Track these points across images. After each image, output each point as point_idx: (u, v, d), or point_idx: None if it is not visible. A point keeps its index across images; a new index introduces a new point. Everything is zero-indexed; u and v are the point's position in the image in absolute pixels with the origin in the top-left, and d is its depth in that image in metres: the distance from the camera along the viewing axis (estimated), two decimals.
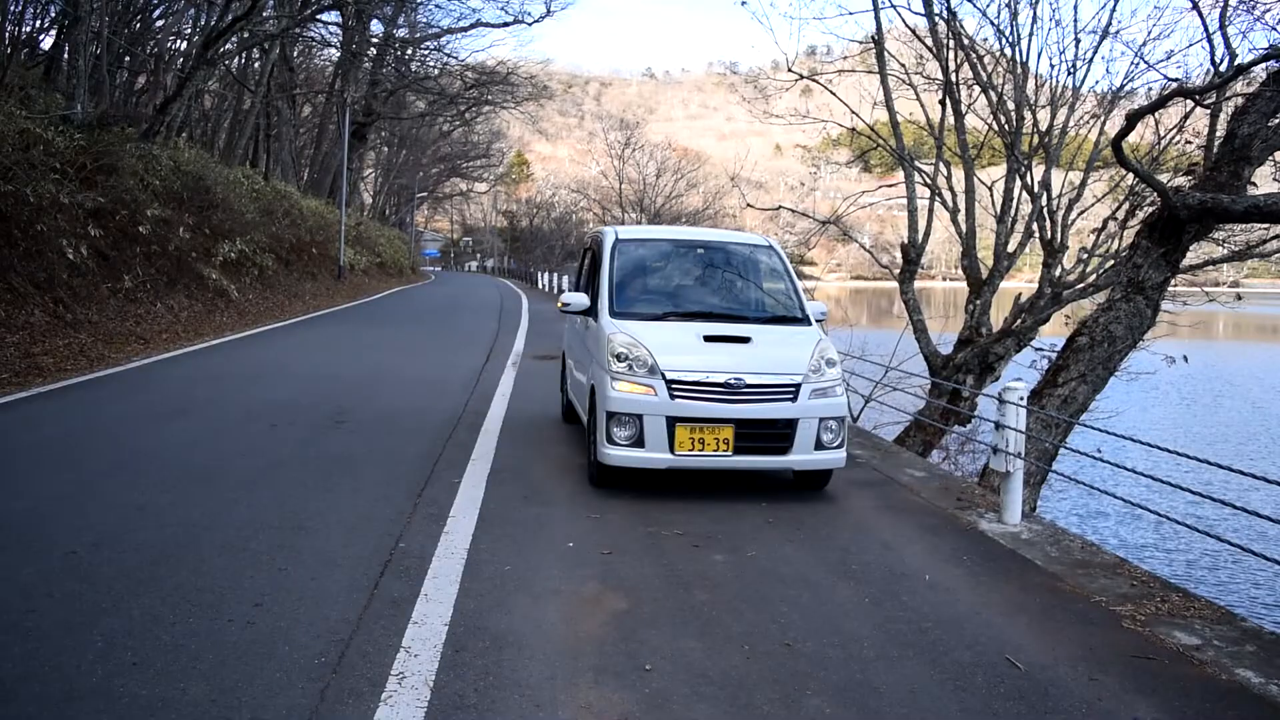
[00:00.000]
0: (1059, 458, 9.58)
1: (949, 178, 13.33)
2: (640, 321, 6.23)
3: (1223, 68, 8.71)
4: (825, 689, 3.37)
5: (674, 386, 5.72)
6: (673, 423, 5.68)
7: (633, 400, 5.74)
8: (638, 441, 5.73)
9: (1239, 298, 13.77)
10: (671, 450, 5.68)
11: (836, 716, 3.18)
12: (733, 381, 5.71)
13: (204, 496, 5.57)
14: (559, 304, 6.72)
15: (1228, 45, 8.62)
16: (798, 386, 5.81)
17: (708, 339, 6.02)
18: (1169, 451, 5.22)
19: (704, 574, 4.57)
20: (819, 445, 5.85)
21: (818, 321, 6.69)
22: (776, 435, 5.78)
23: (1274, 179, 11.93)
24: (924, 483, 6.81)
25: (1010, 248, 12.59)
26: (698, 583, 4.43)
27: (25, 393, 9.02)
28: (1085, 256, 12.62)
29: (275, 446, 7.08)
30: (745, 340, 6.05)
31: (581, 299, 6.83)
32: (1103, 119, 12.64)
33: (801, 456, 5.83)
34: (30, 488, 5.67)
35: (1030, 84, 12.46)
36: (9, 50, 17.27)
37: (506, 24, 30.50)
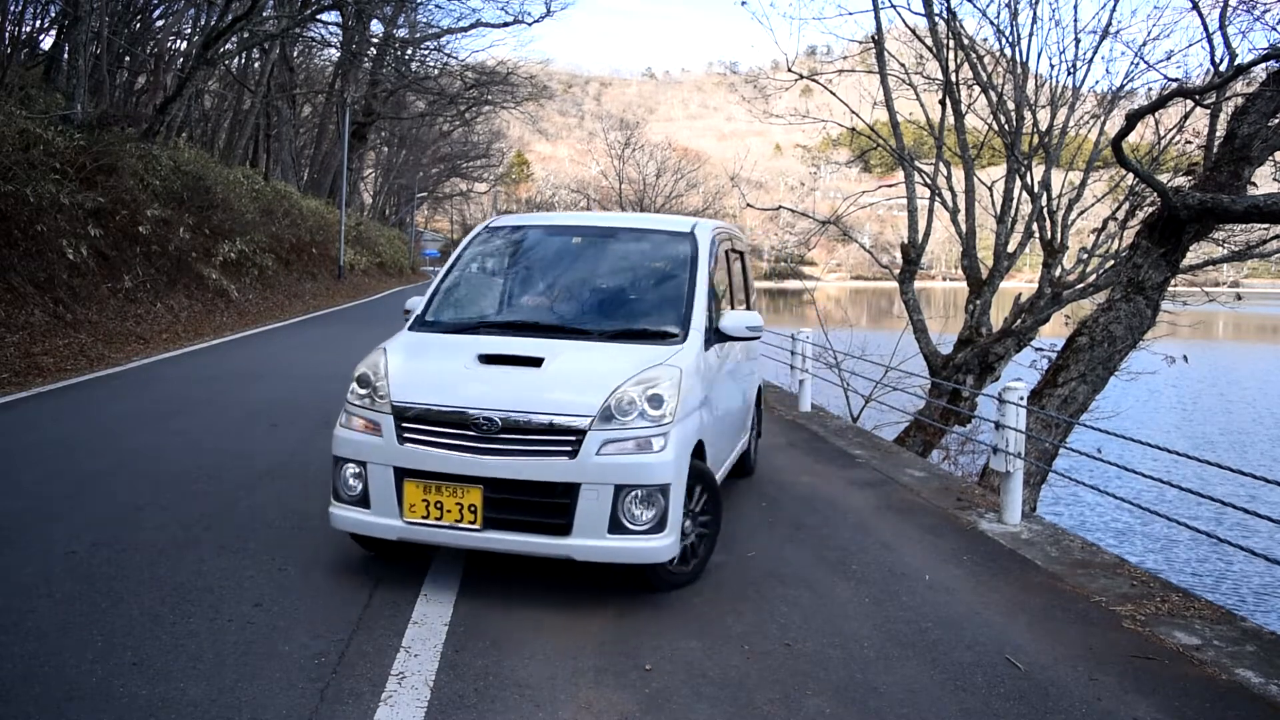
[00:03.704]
0: (1058, 457, 9.58)
1: (949, 178, 13.34)
2: (437, 334, 4.79)
3: (1223, 68, 8.73)
4: (825, 689, 3.37)
5: (405, 425, 4.07)
6: (401, 476, 4.03)
7: (357, 442, 4.17)
8: (363, 499, 4.13)
9: (1239, 298, 13.79)
10: (401, 515, 4.03)
11: (836, 716, 3.18)
12: (484, 421, 3.95)
13: (204, 496, 5.57)
14: (404, 309, 5.19)
15: (1228, 45, 8.63)
16: (580, 433, 3.91)
17: (485, 359, 4.29)
18: (1169, 451, 5.23)
19: (704, 574, 4.56)
20: (617, 526, 3.90)
21: (738, 339, 5.09)
22: (546, 506, 3.91)
23: (1274, 179, 11.95)
24: (924, 483, 6.81)
25: (1010, 248, 12.60)
26: (698, 583, 4.43)
27: (25, 393, 9.02)
28: (1085, 256, 12.63)
29: (276, 446, 7.08)
30: (536, 362, 4.23)
31: (420, 303, 5.19)
32: (1103, 119, 12.65)
33: (587, 542, 3.88)
34: (30, 488, 5.67)
35: (1030, 84, 12.47)
36: (9, 50, 17.28)
37: (506, 24, 30.49)
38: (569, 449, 3.91)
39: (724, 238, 5.87)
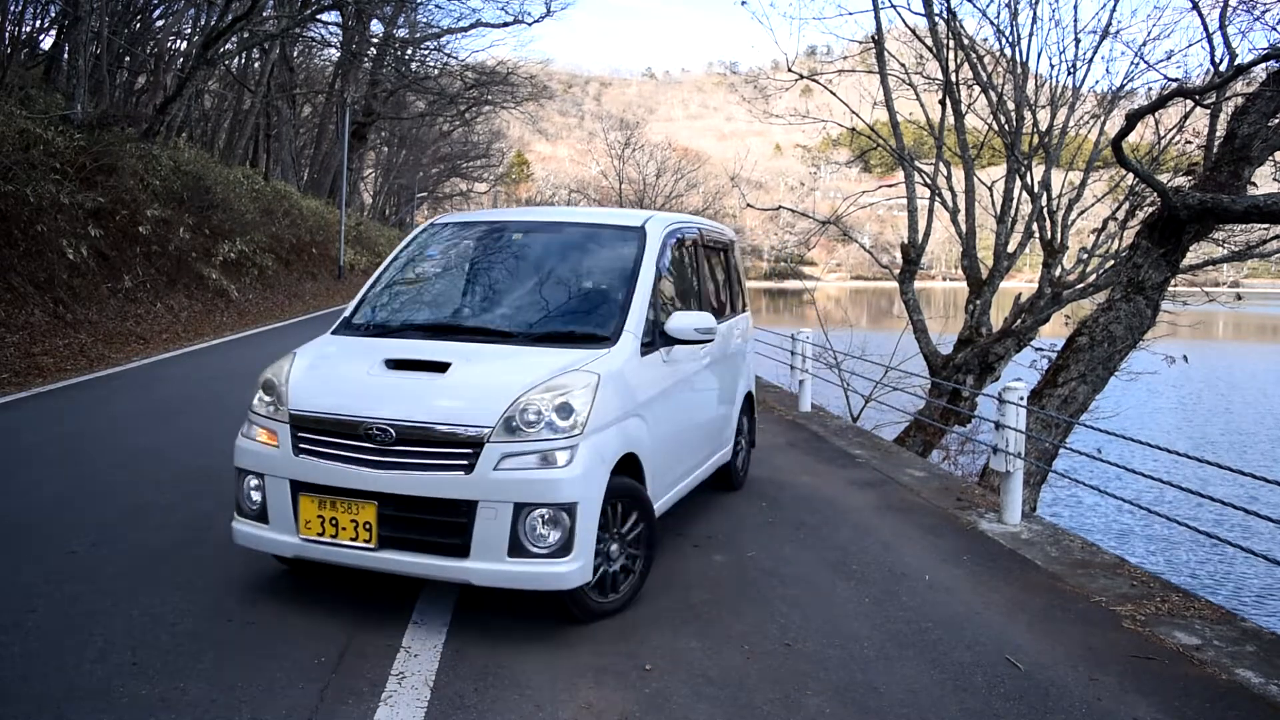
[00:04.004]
0: (1058, 457, 9.58)
1: (949, 178, 13.35)
2: (356, 337, 4.51)
3: (1223, 68, 8.73)
4: (825, 689, 3.37)
5: (301, 436, 3.83)
6: (297, 490, 3.79)
7: (257, 453, 3.94)
8: (261, 513, 3.91)
9: (1239, 298, 13.80)
10: (297, 531, 3.79)
11: (836, 716, 3.18)
12: (378, 432, 3.67)
13: (204, 495, 5.57)
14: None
15: (1228, 45, 8.63)
16: (478, 446, 3.59)
17: (392, 365, 4.00)
18: (1169, 451, 5.23)
19: (704, 574, 4.57)
20: (518, 549, 3.57)
21: (685, 343, 4.62)
22: (442, 526, 3.60)
23: (1274, 179, 11.96)
24: (924, 483, 6.81)
25: (1010, 248, 12.60)
26: (698, 583, 4.43)
27: (25, 393, 9.02)
28: (1085, 256, 12.64)
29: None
30: (442, 368, 3.92)
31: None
32: (1103, 119, 12.66)
33: (486, 565, 3.56)
34: (31, 487, 5.67)
35: (1030, 84, 12.48)
36: (9, 50, 17.27)
37: (506, 24, 30.46)
38: (465, 463, 3.59)
39: (687, 233, 5.45)
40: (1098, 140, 12.65)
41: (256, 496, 3.93)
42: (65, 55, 18.52)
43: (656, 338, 4.48)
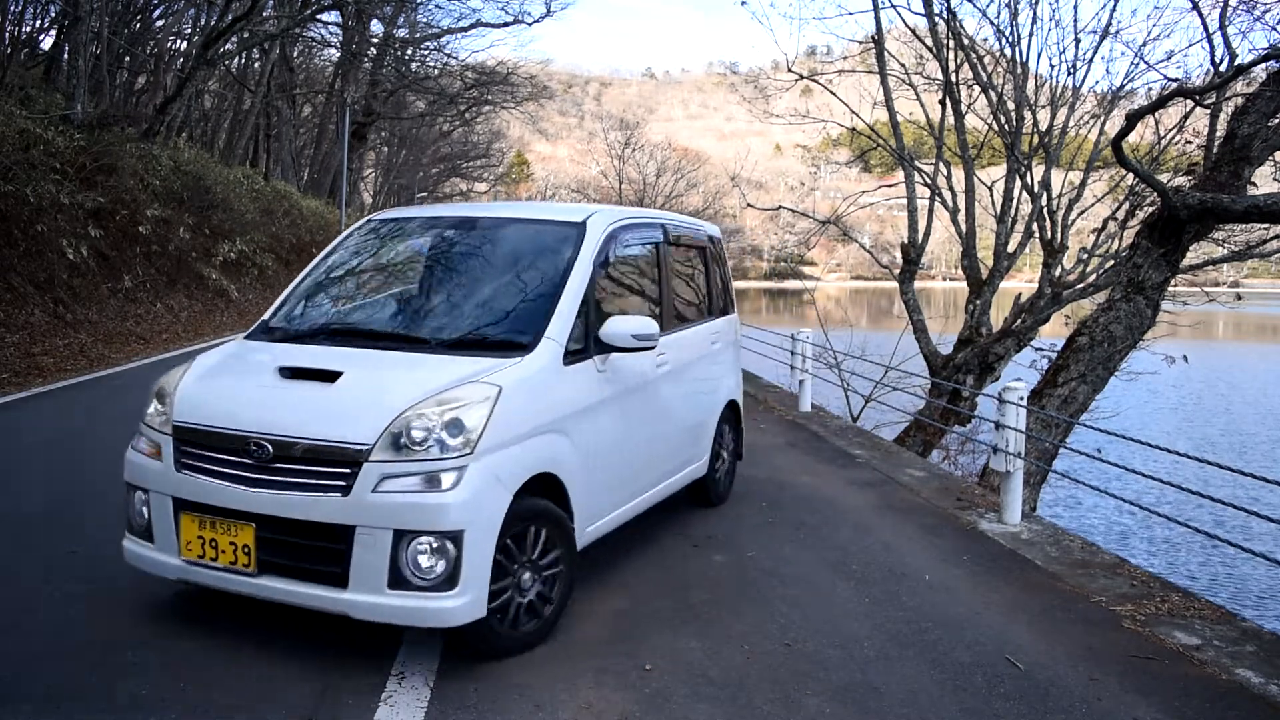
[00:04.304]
0: (1058, 457, 9.58)
1: (949, 178, 13.36)
2: (266, 342, 4.17)
3: (1223, 68, 8.73)
4: (825, 689, 3.37)
5: (183, 448, 3.55)
6: (179, 508, 3.50)
7: (143, 467, 3.67)
8: (147, 531, 3.63)
9: (1239, 298, 13.81)
10: (179, 552, 3.51)
11: (836, 716, 3.18)
12: (255, 448, 3.37)
13: None
14: None
15: (1228, 45, 8.64)
16: (355, 465, 3.27)
17: (286, 373, 3.67)
18: (1169, 451, 5.23)
19: (704, 574, 4.57)
20: (399, 580, 3.23)
21: (622, 350, 4.16)
22: (321, 552, 3.29)
23: (1274, 179, 11.96)
24: (924, 483, 6.81)
25: (1010, 248, 12.61)
26: (698, 583, 4.43)
27: (25, 393, 9.02)
28: (1085, 256, 12.65)
29: None
30: (332, 377, 3.57)
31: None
32: (1103, 119, 12.67)
33: (365, 598, 3.24)
34: (30, 488, 5.67)
35: (1030, 84, 12.49)
36: (9, 50, 17.27)
37: (506, 24, 30.42)
38: (342, 484, 3.25)
39: (644, 230, 4.98)
40: (1098, 140, 12.66)
41: (144, 513, 3.63)
42: (65, 55, 18.52)
43: (590, 345, 4.07)
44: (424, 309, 4.28)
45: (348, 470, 3.27)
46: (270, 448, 3.35)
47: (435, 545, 3.23)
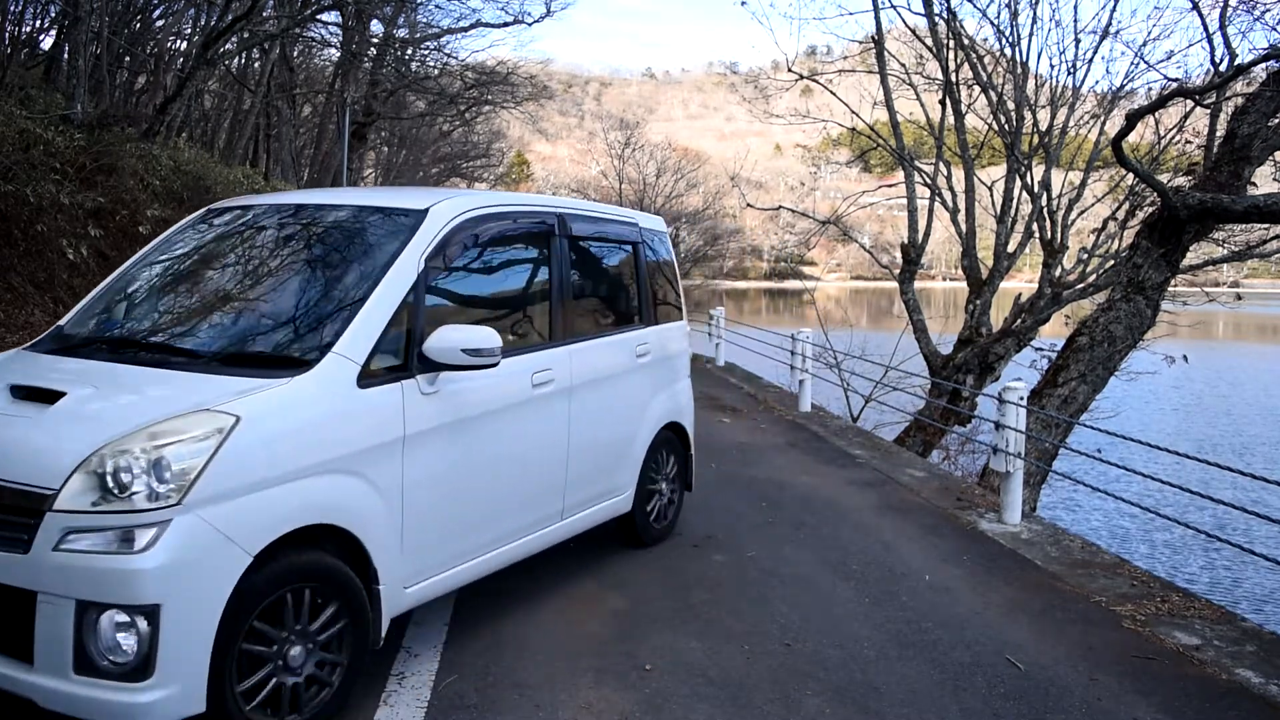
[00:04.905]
0: (1058, 458, 9.58)
1: (949, 178, 13.37)
2: (38, 353, 3.51)
3: (1223, 68, 8.74)
4: (825, 689, 3.37)
5: None
6: None
7: None
8: None
9: (1239, 298, 13.81)
10: None
11: (836, 716, 3.18)
12: None
13: None
14: None
15: (1228, 45, 8.65)
16: (37, 515, 2.60)
17: (18, 393, 3.03)
18: (1169, 451, 5.23)
19: (704, 574, 4.57)
20: (85, 663, 2.55)
21: (451, 368, 3.34)
22: (6, 620, 2.63)
23: (1274, 179, 11.96)
24: (924, 483, 6.81)
25: (1010, 248, 12.62)
26: (698, 583, 4.43)
27: None
28: (1085, 256, 12.66)
29: None
30: (52, 398, 2.93)
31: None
32: (1103, 119, 12.68)
33: (49, 682, 2.56)
34: None
35: (1030, 84, 12.50)
36: (9, 50, 17.26)
37: (506, 24, 30.38)
38: (23, 536, 2.58)
39: (519, 220, 4.09)
40: (1098, 140, 12.66)
41: None
42: (65, 55, 18.51)
43: (412, 361, 3.28)
44: (209, 316, 3.51)
45: (29, 520, 2.59)
46: None
47: (125, 621, 2.53)
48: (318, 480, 2.92)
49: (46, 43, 20.34)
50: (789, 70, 14.61)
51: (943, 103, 12.87)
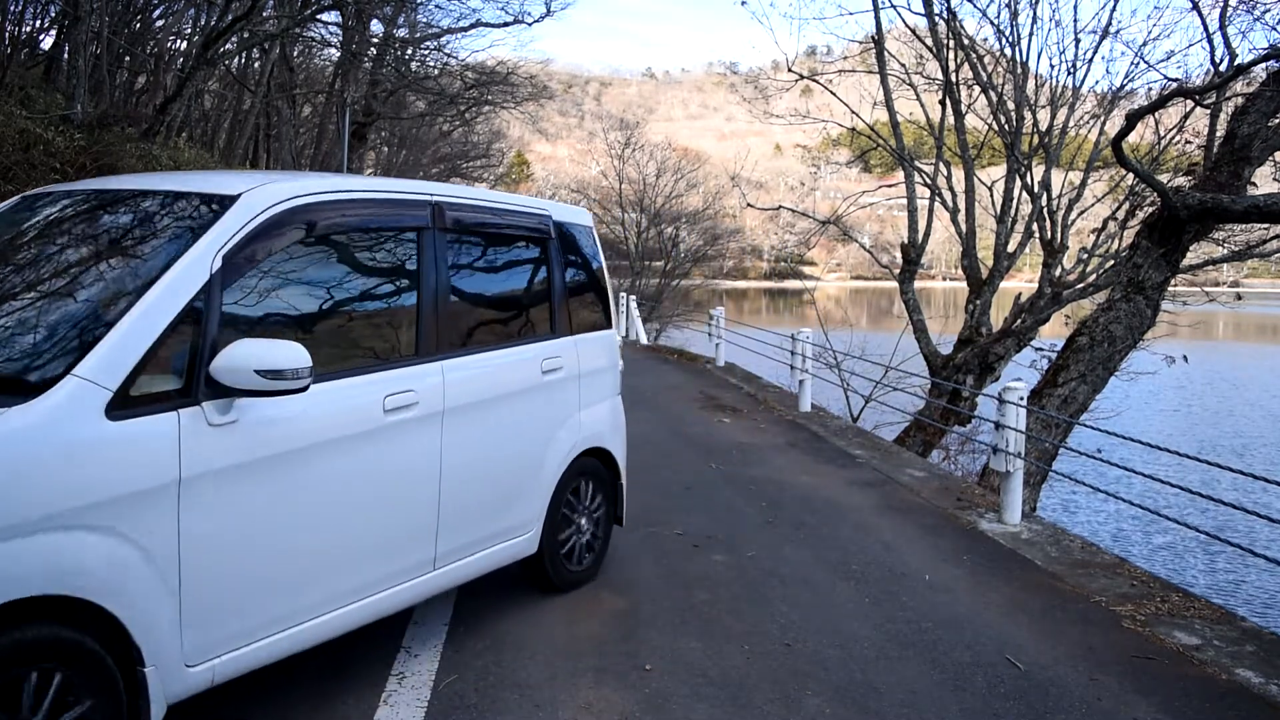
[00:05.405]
0: (1058, 458, 9.59)
1: (949, 178, 13.38)
2: None
3: (1223, 68, 8.74)
4: (825, 689, 3.37)
5: None
6: None
7: None
8: None
9: (1239, 298, 13.82)
10: None
11: (836, 716, 3.18)
12: None
13: None
14: None
15: (1228, 45, 8.65)
16: None
17: None
18: (1169, 451, 5.23)
19: (704, 574, 4.57)
20: None
21: (241, 393, 2.63)
22: None
23: (1274, 179, 11.97)
24: (924, 483, 6.81)
25: (1010, 248, 12.62)
26: (698, 583, 4.43)
27: None
28: (1085, 256, 12.67)
29: None
30: None
31: None
32: (1103, 119, 12.69)
33: None
34: None
35: (1030, 84, 12.50)
36: (9, 50, 17.26)
37: (506, 24, 30.38)
38: None
39: (366, 209, 3.30)
40: (1098, 140, 12.67)
41: None
42: (65, 55, 18.51)
43: (198, 385, 2.59)
44: None
45: None
46: None
47: None
48: (45, 539, 2.23)
49: (46, 43, 20.30)
50: (789, 70, 14.62)
51: (943, 103, 12.88)
